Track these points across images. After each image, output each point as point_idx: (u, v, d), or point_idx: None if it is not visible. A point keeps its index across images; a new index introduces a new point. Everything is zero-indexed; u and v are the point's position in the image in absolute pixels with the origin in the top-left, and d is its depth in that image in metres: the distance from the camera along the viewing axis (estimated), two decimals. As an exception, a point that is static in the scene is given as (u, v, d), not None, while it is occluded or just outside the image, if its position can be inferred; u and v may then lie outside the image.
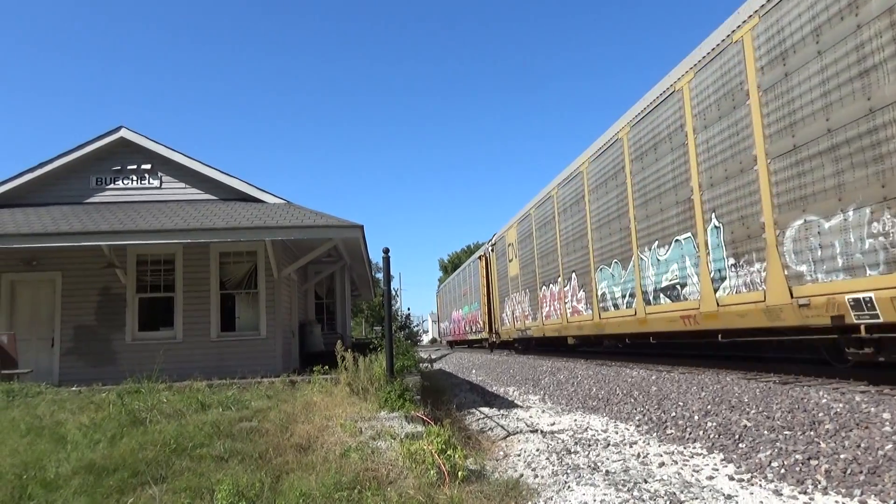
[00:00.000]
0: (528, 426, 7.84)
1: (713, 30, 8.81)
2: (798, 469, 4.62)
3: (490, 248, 24.59)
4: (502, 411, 9.45)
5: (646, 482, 4.77)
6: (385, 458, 5.06)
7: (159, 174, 13.37)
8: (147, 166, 13.31)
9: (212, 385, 8.87)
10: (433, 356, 27.39)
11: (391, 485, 4.52)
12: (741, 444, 5.49)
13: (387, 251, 8.35)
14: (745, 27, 7.91)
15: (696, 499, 4.30)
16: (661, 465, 5.33)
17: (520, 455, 6.15)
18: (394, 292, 58.76)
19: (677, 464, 5.32)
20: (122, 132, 13.01)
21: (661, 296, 10.20)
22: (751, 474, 4.79)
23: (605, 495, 4.49)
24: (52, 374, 11.87)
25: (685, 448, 5.91)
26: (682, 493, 4.44)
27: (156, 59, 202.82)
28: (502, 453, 6.35)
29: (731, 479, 4.74)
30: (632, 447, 6.15)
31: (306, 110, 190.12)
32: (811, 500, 4.11)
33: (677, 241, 9.67)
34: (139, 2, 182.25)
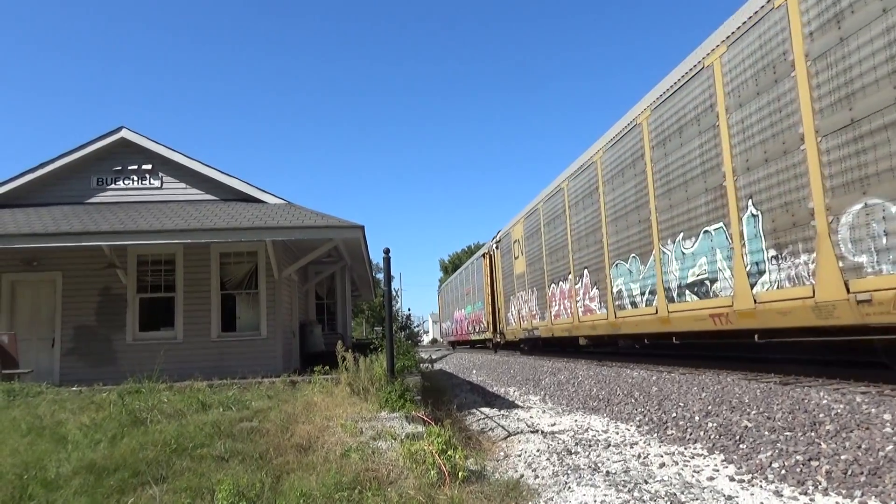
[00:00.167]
0: (528, 426, 7.84)
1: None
2: (799, 470, 4.62)
3: (494, 246, 23.81)
4: (503, 412, 9.45)
5: (646, 483, 4.77)
6: (385, 458, 5.06)
7: (160, 174, 13.37)
8: (148, 167, 13.31)
9: (212, 385, 8.87)
10: (434, 356, 27.38)
11: (392, 485, 4.52)
12: (742, 445, 5.49)
13: (387, 251, 8.35)
14: (789, -12, 7.04)
15: (697, 499, 4.30)
16: (662, 465, 5.33)
17: (520, 455, 6.15)
18: (394, 293, 58.80)
19: (678, 464, 5.32)
20: (123, 132, 13.01)
21: (687, 292, 9.43)
22: (751, 475, 4.79)
23: (605, 496, 4.49)
24: (53, 374, 11.87)
25: (686, 449, 5.91)
26: (682, 493, 4.44)
27: (156, 59, 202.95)
28: (503, 454, 6.35)
29: (732, 479, 4.74)
30: (632, 448, 6.15)
31: (306, 110, 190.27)
32: (812, 500, 4.10)
33: (706, 232, 8.86)
34: (139, 2, 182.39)
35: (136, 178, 13.30)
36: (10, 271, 12.32)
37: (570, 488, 4.76)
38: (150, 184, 13.32)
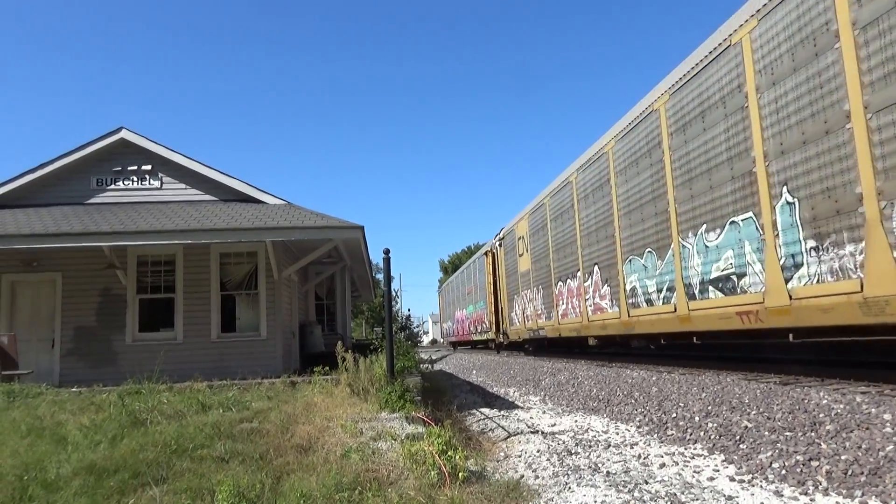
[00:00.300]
0: (528, 427, 7.84)
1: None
2: (799, 470, 4.62)
3: (497, 243, 23.04)
4: (503, 412, 9.45)
5: (646, 483, 4.77)
6: (386, 458, 5.06)
7: (160, 175, 13.38)
8: (147, 167, 13.32)
9: (212, 386, 8.87)
10: (433, 357, 27.39)
11: (392, 486, 4.52)
12: (742, 445, 5.49)
13: (387, 252, 8.35)
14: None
15: (697, 500, 4.30)
16: (662, 465, 5.33)
17: (520, 456, 6.15)
18: (394, 293, 58.80)
19: (678, 465, 5.32)
20: (123, 133, 13.02)
21: (710, 289, 8.80)
22: (752, 475, 4.79)
23: (605, 496, 4.49)
24: (53, 374, 11.87)
25: (686, 449, 5.91)
26: (682, 494, 4.44)
27: (156, 59, 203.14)
28: (503, 454, 6.35)
29: (732, 480, 4.74)
30: (632, 448, 6.15)
31: (306, 110, 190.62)
32: (812, 500, 4.10)
33: (733, 223, 8.25)
34: (139, 2, 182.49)
35: (135, 178, 13.30)
36: (10, 272, 12.32)
37: (570, 489, 4.77)
38: (149, 184, 13.33)
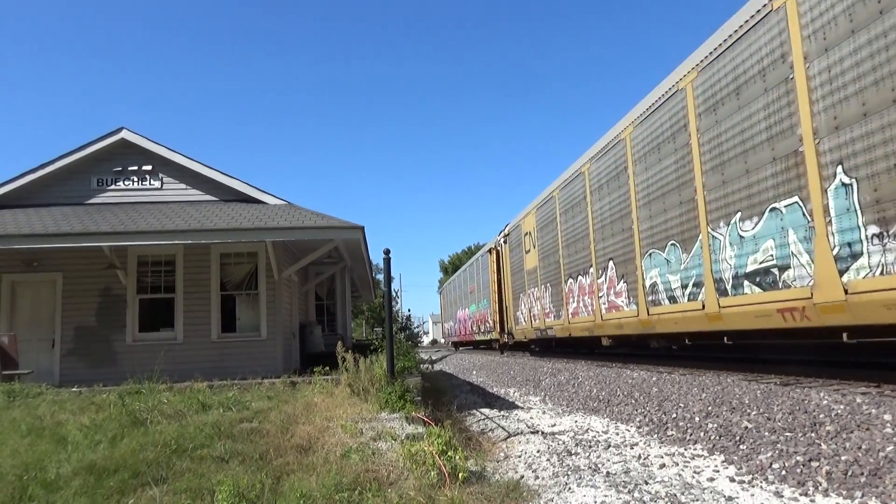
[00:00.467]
0: (528, 427, 7.84)
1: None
2: (799, 471, 4.62)
3: (502, 240, 22.20)
4: (503, 412, 9.45)
5: (646, 483, 4.77)
6: (386, 459, 5.06)
7: (160, 175, 13.38)
8: (148, 167, 13.32)
9: (212, 386, 8.87)
10: (434, 357, 27.39)
11: (392, 486, 4.52)
12: (742, 446, 5.49)
13: (387, 252, 8.36)
14: None
15: (697, 500, 4.30)
16: (662, 466, 5.33)
17: (520, 456, 6.15)
18: (394, 293, 58.82)
19: (678, 465, 5.32)
20: (123, 133, 13.02)
21: (746, 283, 8.02)
22: (752, 476, 4.79)
23: (605, 497, 4.49)
24: (53, 374, 11.87)
25: (686, 449, 5.91)
26: (682, 494, 4.44)
27: (156, 60, 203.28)
28: (503, 454, 6.35)
29: (732, 480, 4.74)
30: (632, 448, 6.14)
31: (306, 110, 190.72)
32: (812, 501, 4.10)
33: (774, 210, 7.46)
34: (139, 2, 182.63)
35: (136, 178, 13.31)
36: (10, 272, 12.32)
37: (570, 489, 4.77)
38: (150, 184, 13.33)
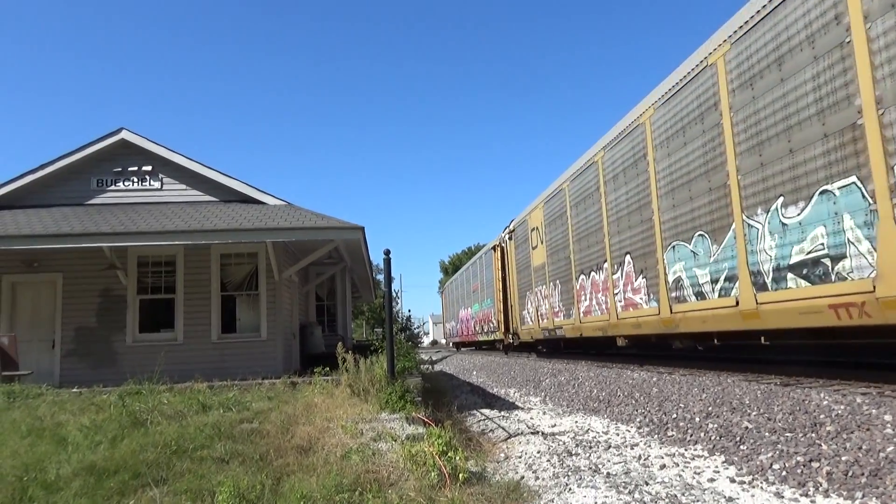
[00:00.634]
0: (529, 428, 7.84)
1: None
2: (799, 471, 4.61)
3: (507, 236, 21.33)
4: (503, 413, 9.45)
5: (647, 484, 4.77)
6: (386, 459, 5.06)
7: (160, 176, 13.38)
8: (148, 168, 13.33)
9: (212, 386, 8.87)
10: (434, 358, 27.39)
11: (392, 487, 4.52)
12: (742, 446, 5.48)
13: (388, 252, 8.36)
14: None
15: (698, 501, 4.30)
16: (663, 467, 5.32)
17: (521, 457, 6.15)
18: (395, 294, 58.80)
19: (678, 466, 5.32)
20: (123, 134, 13.03)
21: (790, 276, 7.27)
22: (752, 476, 4.78)
23: (606, 497, 4.49)
24: (53, 375, 11.87)
25: (686, 450, 5.90)
26: (683, 495, 4.44)
27: (156, 60, 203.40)
28: (503, 455, 6.35)
29: (733, 481, 4.74)
30: (633, 449, 6.14)
31: (306, 110, 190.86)
32: (812, 502, 4.10)
33: (825, 192, 6.69)
34: (139, 2, 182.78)
35: (136, 179, 13.31)
36: (10, 273, 12.32)
37: (570, 490, 4.76)
38: (150, 185, 13.33)
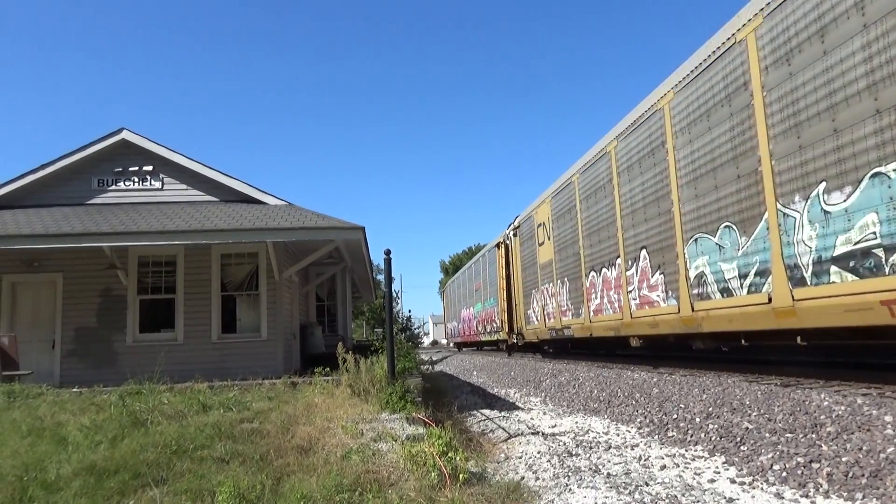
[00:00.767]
0: (529, 428, 7.84)
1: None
2: (800, 472, 4.61)
3: (511, 233, 20.75)
4: (503, 413, 9.44)
5: (647, 485, 4.77)
6: (386, 460, 5.06)
7: (161, 176, 13.39)
8: (148, 168, 13.33)
9: (213, 386, 8.87)
10: (434, 358, 27.39)
11: (392, 487, 4.52)
12: (743, 447, 5.48)
13: (388, 252, 8.36)
14: None
15: (698, 502, 4.30)
16: (663, 467, 5.32)
17: (521, 457, 6.15)
18: (395, 294, 58.80)
19: (679, 466, 5.32)
20: (124, 134, 13.03)
21: (833, 270, 6.60)
22: (752, 477, 4.78)
23: (606, 498, 4.49)
24: (53, 375, 11.87)
25: (687, 451, 5.90)
26: (683, 496, 4.44)
27: (156, 60, 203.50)
28: (503, 455, 6.34)
29: (733, 482, 4.74)
30: (633, 449, 6.14)
31: (306, 110, 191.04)
32: (813, 503, 4.10)
33: (877, 175, 5.96)
34: (139, 2, 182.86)
35: (136, 179, 13.31)
36: (10, 272, 12.32)
37: (570, 490, 4.76)
38: (150, 185, 13.33)
